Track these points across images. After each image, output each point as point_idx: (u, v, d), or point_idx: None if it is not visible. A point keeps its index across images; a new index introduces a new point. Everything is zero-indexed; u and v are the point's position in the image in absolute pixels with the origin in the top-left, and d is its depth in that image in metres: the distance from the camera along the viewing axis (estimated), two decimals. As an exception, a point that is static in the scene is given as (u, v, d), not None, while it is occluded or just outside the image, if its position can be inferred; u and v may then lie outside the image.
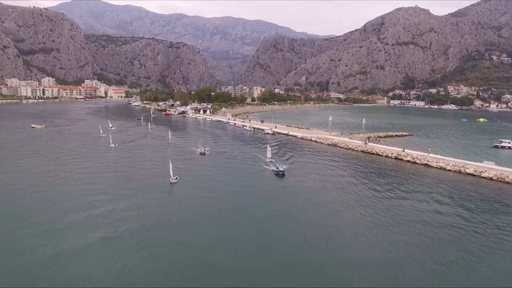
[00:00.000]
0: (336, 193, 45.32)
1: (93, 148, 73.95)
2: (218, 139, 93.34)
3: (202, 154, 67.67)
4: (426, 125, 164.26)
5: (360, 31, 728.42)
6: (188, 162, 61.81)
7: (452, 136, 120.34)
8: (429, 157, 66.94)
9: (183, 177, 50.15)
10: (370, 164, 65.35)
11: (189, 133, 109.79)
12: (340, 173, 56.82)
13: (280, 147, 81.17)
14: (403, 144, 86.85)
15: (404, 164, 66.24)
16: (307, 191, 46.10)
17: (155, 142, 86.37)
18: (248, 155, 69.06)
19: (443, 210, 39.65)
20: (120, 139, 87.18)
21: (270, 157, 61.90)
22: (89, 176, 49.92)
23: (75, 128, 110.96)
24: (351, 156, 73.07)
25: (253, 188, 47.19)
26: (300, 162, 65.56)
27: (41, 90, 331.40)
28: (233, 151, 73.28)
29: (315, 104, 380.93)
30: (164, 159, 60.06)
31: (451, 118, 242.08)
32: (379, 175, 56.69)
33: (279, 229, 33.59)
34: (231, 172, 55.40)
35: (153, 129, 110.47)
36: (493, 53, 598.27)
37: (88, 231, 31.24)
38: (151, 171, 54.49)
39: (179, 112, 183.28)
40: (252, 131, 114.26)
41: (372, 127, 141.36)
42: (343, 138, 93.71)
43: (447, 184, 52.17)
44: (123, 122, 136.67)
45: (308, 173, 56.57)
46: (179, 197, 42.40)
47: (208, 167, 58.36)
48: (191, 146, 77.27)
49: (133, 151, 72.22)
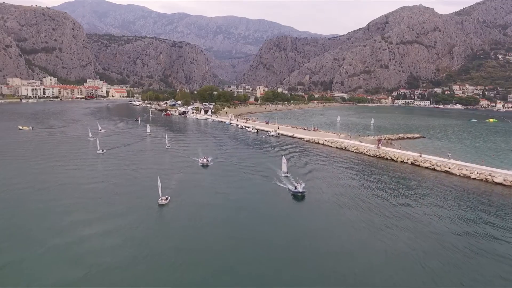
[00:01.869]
0: (355, 210, 39.54)
1: (77, 155, 66.99)
2: (221, 144, 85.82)
3: (204, 165, 58.98)
4: (435, 126, 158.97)
5: (364, 30, 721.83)
6: (186, 175, 53.70)
7: (466, 138, 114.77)
8: (450, 163, 61.35)
9: (177, 197, 41.61)
10: (385, 171, 59.82)
11: (189, 137, 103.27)
12: (354, 183, 51.25)
13: (285, 151, 76.23)
14: (416, 147, 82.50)
15: (422, 171, 60.77)
16: (323, 208, 39.97)
17: (150, 147, 79.59)
18: (258, 167, 59.96)
19: (480, 231, 34.19)
20: (112, 143, 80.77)
21: (286, 171, 52.84)
22: (66, 191, 43.38)
23: (65, 131, 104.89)
24: (363, 162, 67.72)
25: (265, 214, 38.07)
26: (309, 169, 59.92)
27: (41, 90, 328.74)
28: (239, 161, 64.80)
29: (319, 103, 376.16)
30: (157, 171, 52.90)
31: (459, 118, 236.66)
32: (398, 184, 51.29)
33: (298, 265, 27.05)
34: (237, 190, 46.52)
35: (152, 131, 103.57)
36: (498, 52, 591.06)
37: (52, 267, 25.54)
38: (139, 187, 46.23)
39: (179, 113, 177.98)
40: (256, 133, 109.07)
41: (380, 128, 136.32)
42: (353, 141, 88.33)
43: (476, 196, 46.28)
44: (120, 124, 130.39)
45: (321, 183, 50.44)
46: (166, 227, 34.17)
47: (209, 182, 49.76)
48: (191, 153, 70.34)
49: (122, 159, 64.34)
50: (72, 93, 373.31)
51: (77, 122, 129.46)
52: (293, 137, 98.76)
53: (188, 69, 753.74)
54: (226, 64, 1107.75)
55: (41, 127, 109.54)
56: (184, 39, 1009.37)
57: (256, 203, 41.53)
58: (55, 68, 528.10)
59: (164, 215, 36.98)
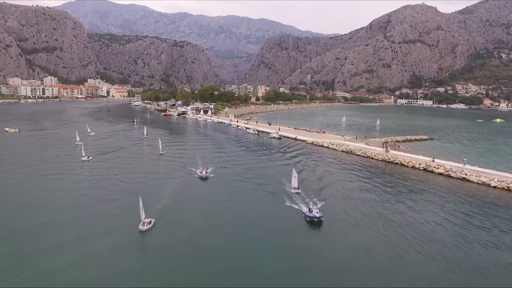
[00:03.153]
0: (370, 228, 34.72)
1: (59, 162, 60.27)
2: (221, 149, 78.06)
3: (203, 178, 51.00)
4: (442, 127, 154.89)
5: (366, 29, 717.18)
6: (179, 191, 45.61)
7: (475, 140, 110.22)
8: (466, 169, 56.75)
9: (165, 220, 34.66)
10: (396, 178, 55.19)
11: (187, 140, 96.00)
12: (369, 197, 44.82)
13: (289, 154, 72.40)
14: (426, 150, 78.53)
15: (435, 177, 56.19)
16: (342, 235, 33.61)
17: (143, 152, 72.69)
18: (264, 179, 51.82)
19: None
20: (101, 148, 74.29)
21: (297, 187, 45.20)
22: (37, 207, 37.91)
23: (54, 133, 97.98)
24: (371, 168, 63.10)
25: (274, 245, 30.83)
26: (319, 180, 53.36)
27: (41, 90, 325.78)
28: (242, 171, 56.43)
29: (321, 103, 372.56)
30: (145, 185, 46.79)
31: (464, 118, 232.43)
32: (412, 193, 46.63)
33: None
34: (239, 212, 38.32)
35: (149, 133, 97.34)
36: (502, 51, 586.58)
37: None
38: (121, 204, 39.48)
39: (179, 113, 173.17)
40: (257, 134, 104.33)
41: (385, 129, 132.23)
42: (359, 143, 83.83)
43: (503, 209, 41.57)
44: (115, 125, 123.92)
45: (335, 201, 43.45)
46: (143, 261, 27.52)
47: (206, 201, 41.90)
48: (187, 160, 63.76)
49: (108, 167, 56.87)
50: (72, 93, 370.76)
51: (71, 124, 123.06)
52: (296, 139, 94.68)
53: (189, 69, 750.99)
54: (228, 63, 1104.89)
55: (29, 129, 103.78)
56: (186, 39, 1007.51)
57: (263, 230, 34.04)
58: (56, 68, 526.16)
59: (145, 244, 30.40)
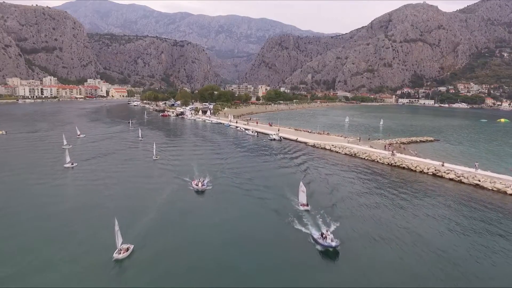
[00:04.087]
0: (392, 256, 29.52)
1: (40, 168, 54.86)
2: (218, 154, 72.32)
3: (198, 191, 44.86)
4: (445, 127, 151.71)
5: (367, 28, 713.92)
6: (169, 208, 39.09)
7: (482, 142, 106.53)
8: (479, 174, 53.06)
9: (147, 246, 29.59)
10: (404, 185, 51.47)
11: (184, 143, 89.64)
12: (378, 212, 39.42)
13: (289, 159, 68.34)
14: (432, 152, 75.63)
15: (446, 183, 52.58)
16: (354, 258, 29.15)
17: (135, 158, 66.52)
18: (266, 192, 45.60)
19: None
20: (90, 153, 68.64)
21: (305, 204, 39.10)
22: (2, 224, 33.49)
23: (42, 136, 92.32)
24: (377, 173, 58.91)
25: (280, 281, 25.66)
26: (322, 186, 49.42)
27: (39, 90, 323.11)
28: (241, 182, 50.13)
29: (322, 103, 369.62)
30: (131, 199, 41.24)
31: (467, 118, 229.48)
32: (425, 204, 42.37)
33: None
34: (238, 236, 32.38)
35: (144, 135, 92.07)
36: (503, 50, 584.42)
37: None
38: (99, 223, 33.93)
39: (177, 113, 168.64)
40: (256, 136, 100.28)
41: (388, 130, 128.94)
42: (363, 146, 79.98)
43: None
44: (111, 127, 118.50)
45: (339, 210, 39.54)
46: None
47: (198, 221, 35.34)
48: (182, 167, 57.80)
49: (93, 176, 51.21)
50: (70, 93, 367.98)
51: (65, 125, 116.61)
52: (297, 141, 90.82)
53: (189, 69, 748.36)
54: (228, 63, 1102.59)
55: (17, 131, 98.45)
56: (186, 39, 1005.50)
57: (266, 262, 28.05)
58: (55, 68, 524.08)
59: (118, 276, 25.42)
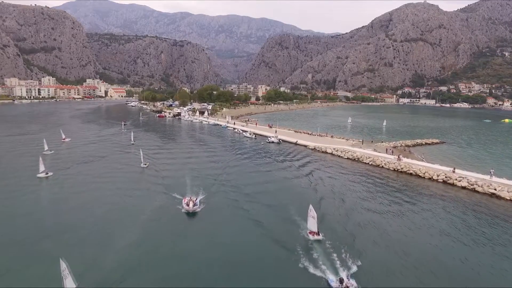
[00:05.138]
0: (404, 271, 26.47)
1: (10, 178, 48.96)
2: (214, 162, 64.19)
3: (190, 212, 37.70)
4: (449, 128, 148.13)
5: (367, 27, 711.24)
6: (150, 236, 31.50)
7: (490, 144, 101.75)
8: (494, 182, 48.08)
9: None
10: (412, 193, 46.98)
11: (177, 147, 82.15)
12: (390, 226, 35.13)
13: (290, 166, 61.97)
14: (439, 156, 71.94)
15: (458, 192, 48.11)
16: None
17: (121, 166, 59.09)
18: (268, 215, 37.51)
19: None
20: (73, 159, 62.56)
21: (317, 232, 31.97)
22: None
23: (27, 139, 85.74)
24: (382, 178, 54.52)
25: None
26: (331, 202, 43.06)
27: (36, 90, 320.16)
28: (239, 198, 42.86)
29: (322, 103, 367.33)
30: (101, 222, 34.52)
31: (470, 118, 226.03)
32: (440, 219, 37.68)
33: None
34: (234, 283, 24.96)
35: (138, 138, 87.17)
36: (505, 49, 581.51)
37: None
38: (49, 263, 26.99)
39: (174, 114, 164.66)
40: (254, 138, 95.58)
41: (391, 131, 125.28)
42: (367, 149, 74.88)
43: None
44: (104, 129, 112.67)
45: (348, 228, 34.43)
46: None
47: (183, 259, 28.02)
48: (173, 179, 50.53)
49: (67, 190, 44.73)
50: (68, 93, 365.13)
51: (55, 127, 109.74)
52: (296, 144, 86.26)
53: (189, 68, 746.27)
54: (228, 63, 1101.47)
55: (0, 134, 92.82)
56: (186, 38, 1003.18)
57: None
58: (54, 68, 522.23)
59: None
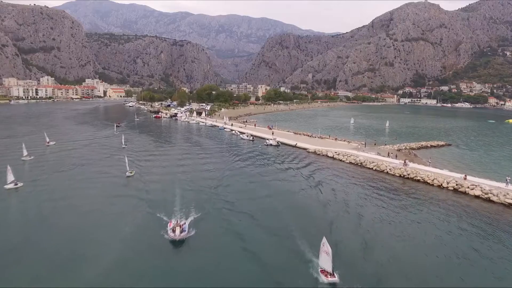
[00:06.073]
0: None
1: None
2: (208, 170, 57.42)
3: (175, 240, 30.71)
4: (454, 129, 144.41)
5: (368, 27, 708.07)
6: (123, 273, 25.69)
7: (497, 145, 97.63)
8: (511, 191, 44.49)
9: None
10: (422, 203, 42.96)
11: (169, 152, 75.06)
12: (417, 257, 29.73)
13: (289, 174, 56.40)
14: (446, 159, 68.64)
15: (471, 201, 44.17)
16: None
17: (104, 174, 53.31)
18: (270, 240, 31.59)
19: None
20: (54, 166, 56.87)
21: (331, 272, 25.35)
22: None
23: (9, 143, 79.34)
24: (387, 186, 50.36)
25: None
26: (336, 218, 38.26)
27: (33, 90, 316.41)
28: (234, 220, 35.77)
29: (323, 103, 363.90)
30: (59, 254, 27.97)
31: (473, 118, 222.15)
32: (449, 227, 34.37)
33: None
34: None
35: (130, 141, 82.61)
36: (506, 48, 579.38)
37: None
38: None
39: (171, 115, 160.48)
40: (251, 140, 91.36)
41: (395, 133, 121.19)
42: (370, 153, 70.05)
43: None
44: (96, 131, 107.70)
45: (366, 263, 28.15)
46: None
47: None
48: (160, 193, 44.08)
49: (35, 205, 39.00)
50: (66, 93, 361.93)
51: (46, 129, 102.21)
52: (296, 147, 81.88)
53: (189, 68, 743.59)
54: (229, 63, 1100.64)
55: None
56: (186, 38, 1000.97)
57: None
58: (53, 68, 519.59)
59: None
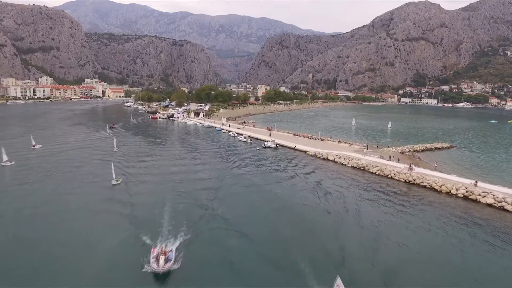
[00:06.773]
0: None
1: None
2: (203, 178, 52.92)
3: (158, 274, 25.66)
4: (456, 129, 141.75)
5: (368, 27, 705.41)
6: None
7: (502, 147, 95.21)
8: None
9: None
10: (431, 214, 39.60)
11: (162, 156, 70.74)
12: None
13: (290, 182, 52.56)
14: (453, 163, 66.49)
15: (483, 209, 41.43)
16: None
17: (89, 182, 49.16)
18: (275, 275, 26.21)
19: None
20: (37, 172, 53.41)
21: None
22: None
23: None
24: (391, 192, 47.81)
25: None
26: (338, 227, 35.47)
27: (31, 90, 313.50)
28: (232, 247, 30.48)
29: (323, 103, 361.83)
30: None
31: (475, 119, 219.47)
32: (463, 244, 31.78)
33: None
34: None
35: (122, 145, 79.32)
36: (507, 48, 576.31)
37: None
38: None
39: (168, 116, 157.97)
40: (249, 142, 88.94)
41: (397, 134, 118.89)
42: (372, 157, 67.29)
43: None
44: (90, 132, 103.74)
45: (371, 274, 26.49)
46: None
47: None
48: (147, 207, 39.32)
49: (5, 217, 35.74)
50: (64, 93, 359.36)
51: (39, 130, 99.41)
52: (295, 150, 79.26)
53: (189, 68, 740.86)
54: (229, 62, 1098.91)
55: None
56: (186, 38, 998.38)
57: None
58: (52, 68, 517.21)
59: None
